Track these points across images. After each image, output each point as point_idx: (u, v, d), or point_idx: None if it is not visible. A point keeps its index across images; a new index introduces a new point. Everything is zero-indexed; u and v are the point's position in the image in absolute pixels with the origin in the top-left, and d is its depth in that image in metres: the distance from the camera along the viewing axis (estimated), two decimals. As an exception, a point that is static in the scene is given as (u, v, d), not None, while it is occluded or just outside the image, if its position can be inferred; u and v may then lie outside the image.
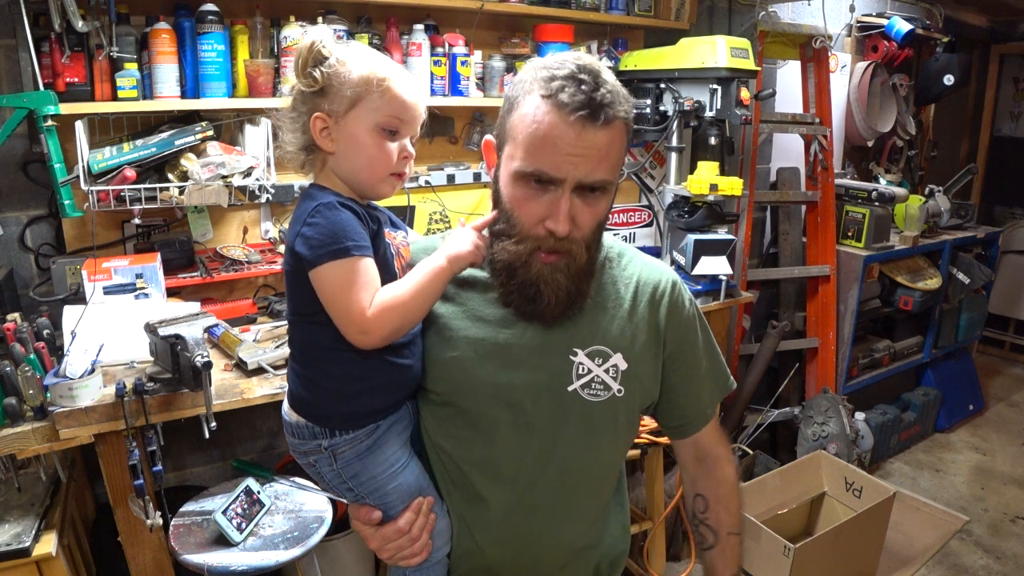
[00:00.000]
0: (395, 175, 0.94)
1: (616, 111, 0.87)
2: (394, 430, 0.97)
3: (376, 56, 0.92)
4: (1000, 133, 4.60)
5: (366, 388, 0.92)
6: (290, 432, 0.97)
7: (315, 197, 0.89)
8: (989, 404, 3.94)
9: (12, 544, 1.38)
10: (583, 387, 0.96)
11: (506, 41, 2.32)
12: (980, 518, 2.88)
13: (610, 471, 1.05)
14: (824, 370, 3.18)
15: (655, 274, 1.05)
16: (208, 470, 2.20)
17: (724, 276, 2.20)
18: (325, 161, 0.93)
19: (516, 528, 0.98)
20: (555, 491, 0.98)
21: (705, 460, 1.12)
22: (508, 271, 0.94)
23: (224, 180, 1.75)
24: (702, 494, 1.12)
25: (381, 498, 0.96)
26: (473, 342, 0.97)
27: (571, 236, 0.90)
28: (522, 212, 0.91)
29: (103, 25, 1.64)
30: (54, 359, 1.48)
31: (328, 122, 0.90)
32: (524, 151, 0.88)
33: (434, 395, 0.99)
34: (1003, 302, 4.45)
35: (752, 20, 2.80)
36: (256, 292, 2.09)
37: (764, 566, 2.20)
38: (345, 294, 0.85)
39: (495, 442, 0.97)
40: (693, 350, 1.07)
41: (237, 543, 1.48)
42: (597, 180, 0.89)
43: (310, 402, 0.93)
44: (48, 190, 1.79)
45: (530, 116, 0.87)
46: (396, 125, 0.92)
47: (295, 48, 0.91)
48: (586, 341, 0.97)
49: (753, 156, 2.84)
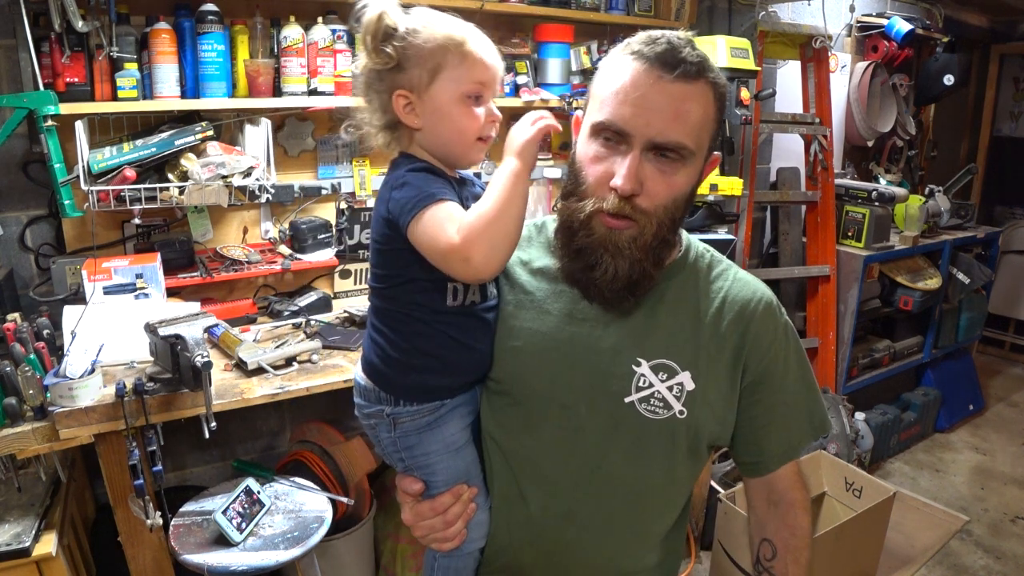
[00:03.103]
0: (482, 139, 0.91)
1: (699, 68, 0.84)
2: (458, 412, 0.96)
3: (447, 19, 0.88)
4: (1000, 133, 4.60)
5: (433, 364, 0.92)
6: (358, 393, 0.98)
7: (403, 165, 0.89)
8: (989, 404, 3.94)
9: (12, 544, 1.38)
10: (641, 401, 0.90)
11: (506, 41, 2.32)
12: (980, 518, 2.88)
13: (663, 497, 0.96)
14: (824, 370, 3.18)
15: (747, 291, 0.96)
16: (208, 470, 2.20)
17: (724, 276, 2.20)
18: (412, 136, 0.91)
19: (551, 533, 0.95)
20: (596, 503, 0.93)
21: (779, 504, 1.01)
22: (569, 231, 0.90)
23: (224, 180, 1.75)
24: (770, 540, 1.01)
25: (429, 475, 0.96)
26: (535, 335, 0.94)
27: (637, 203, 0.85)
28: (590, 169, 0.88)
29: (103, 25, 1.64)
30: (54, 359, 1.48)
31: (411, 97, 0.87)
32: (600, 103, 0.86)
33: (493, 383, 0.97)
34: (1003, 302, 4.44)
35: (752, 20, 2.80)
36: (256, 292, 2.09)
37: (764, 566, 2.19)
38: (434, 233, 0.82)
39: (542, 440, 0.94)
40: (781, 381, 0.96)
41: (237, 543, 1.48)
42: (670, 140, 0.83)
43: (379, 368, 0.94)
44: (48, 190, 1.79)
45: (612, 71, 0.87)
46: (480, 90, 0.88)
47: (360, 19, 0.85)
48: (653, 352, 0.91)
49: (753, 156, 2.84)
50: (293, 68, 1.89)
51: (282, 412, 2.28)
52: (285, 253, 2.01)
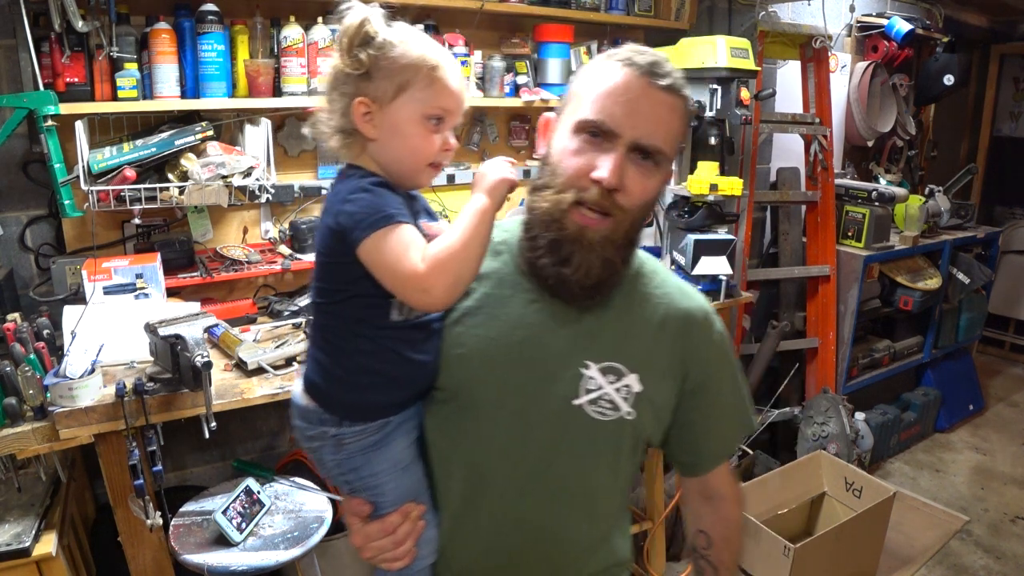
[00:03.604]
0: (433, 165, 0.91)
1: (681, 90, 0.89)
2: (403, 428, 0.94)
3: (426, 40, 0.88)
4: (1000, 133, 4.60)
5: (379, 382, 0.90)
6: (299, 415, 0.95)
7: (353, 176, 0.87)
8: (989, 404, 3.94)
9: (12, 544, 1.38)
10: (589, 403, 0.91)
11: (506, 41, 2.32)
12: (980, 518, 2.88)
13: (610, 494, 1.00)
14: (824, 370, 3.18)
15: (688, 300, 1.00)
16: (208, 470, 2.20)
17: (724, 276, 2.20)
18: (365, 146, 0.89)
19: (504, 540, 0.95)
20: (547, 506, 0.94)
21: (712, 499, 1.08)
22: (543, 224, 0.89)
23: (224, 180, 1.75)
24: (706, 531, 1.08)
25: (376, 496, 0.93)
26: (483, 340, 0.93)
27: (617, 199, 0.86)
28: (569, 161, 0.88)
29: (103, 25, 1.64)
30: (54, 359, 1.47)
31: (372, 107, 0.86)
32: (591, 102, 0.87)
33: (438, 392, 0.95)
34: (1003, 302, 4.45)
35: (752, 20, 2.80)
36: (256, 292, 2.09)
37: (764, 566, 2.20)
38: (395, 258, 0.81)
39: (492, 447, 0.93)
40: (718, 387, 1.01)
41: (237, 543, 1.48)
42: (653, 144, 0.86)
43: (322, 388, 0.91)
44: (48, 190, 1.79)
45: (602, 74, 0.88)
46: (442, 115, 0.89)
47: (342, 19, 0.85)
48: (602, 355, 0.92)
49: (753, 156, 2.84)
50: (293, 68, 1.89)
51: (282, 412, 2.28)
52: (285, 253, 2.01)
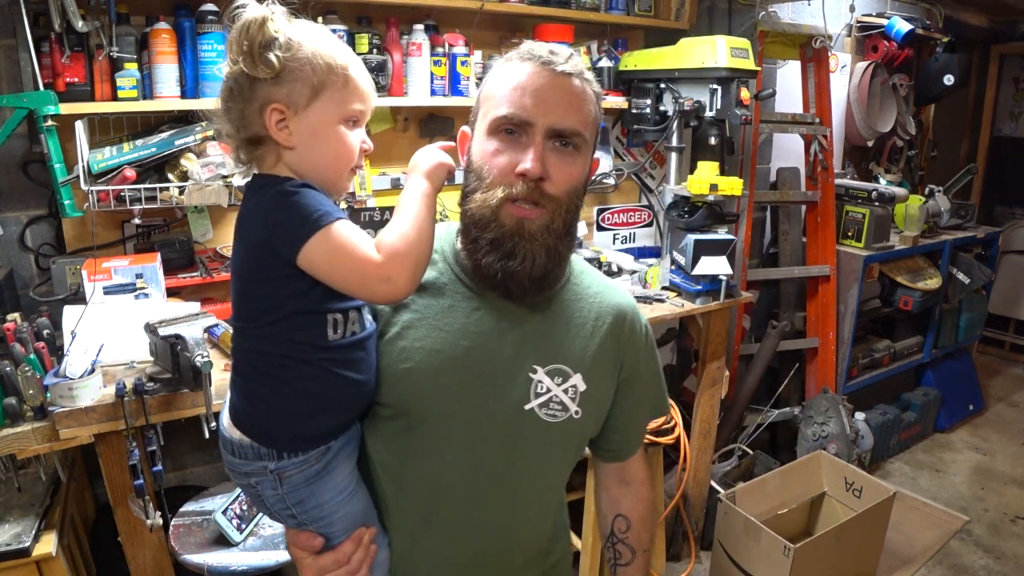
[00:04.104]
0: (352, 169, 0.87)
1: (584, 74, 0.91)
2: (344, 452, 0.90)
3: (331, 38, 0.84)
4: (1000, 133, 4.60)
5: (320, 407, 0.84)
6: (230, 451, 0.87)
7: (269, 186, 0.80)
8: (989, 404, 3.94)
9: (12, 544, 1.38)
10: (540, 406, 0.92)
11: (506, 41, 2.32)
12: (980, 518, 2.88)
13: (558, 491, 1.04)
14: (824, 370, 3.18)
15: (617, 297, 1.03)
16: (208, 470, 2.20)
17: (724, 276, 2.20)
18: (279, 156, 0.82)
19: (460, 551, 0.94)
20: (503, 513, 0.94)
21: (631, 483, 1.13)
22: (480, 225, 0.89)
23: (224, 180, 1.75)
24: (624, 515, 1.12)
25: (326, 526, 0.88)
26: (429, 353, 0.90)
27: (545, 189, 0.87)
28: (492, 162, 0.89)
29: (103, 25, 1.64)
30: (54, 359, 1.47)
31: (287, 114, 0.80)
32: (498, 102, 0.89)
33: (384, 409, 0.92)
34: (1003, 302, 4.45)
35: (752, 20, 2.80)
36: (256, 292, 2.08)
37: (764, 566, 2.20)
38: (347, 254, 0.77)
39: (445, 461, 0.91)
40: (643, 377, 1.06)
41: (237, 543, 1.48)
42: (568, 127, 0.88)
43: (257, 420, 0.84)
44: (48, 190, 1.79)
45: (506, 74, 0.90)
46: (358, 116, 0.85)
47: (236, 19, 0.78)
48: (547, 358, 0.93)
49: (753, 156, 2.84)
50: (293, 68, 1.89)
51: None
52: (285, 253, 2.01)
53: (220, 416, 0.89)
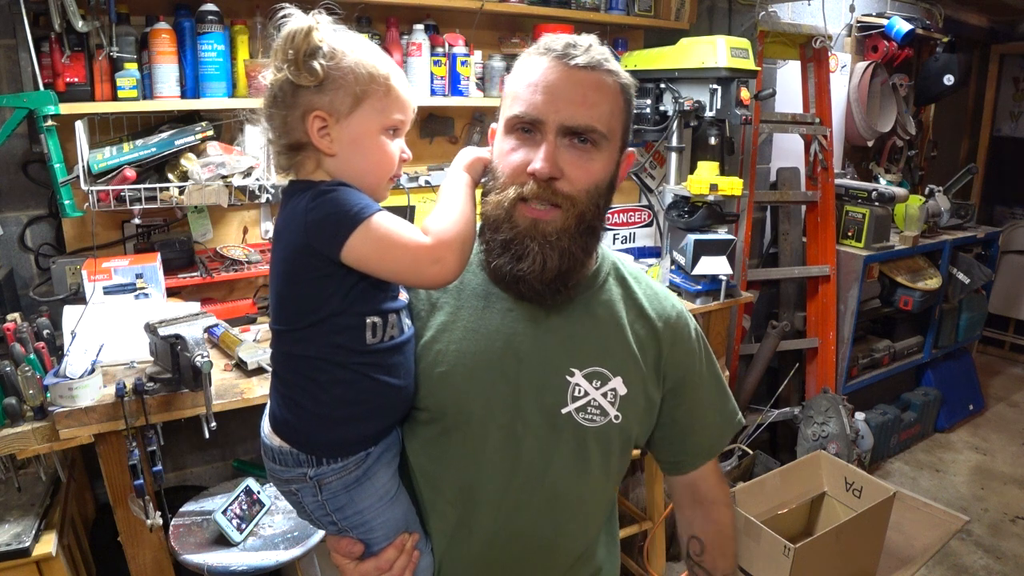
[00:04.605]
0: (391, 178, 0.88)
1: (604, 63, 0.87)
2: (384, 459, 0.90)
3: (374, 48, 0.86)
4: (1000, 133, 4.60)
5: (358, 413, 0.85)
6: (271, 457, 0.88)
7: (305, 191, 0.81)
8: (989, 404, 3.94)
9: (12, 544, 1.38)
10: (578, 410, 0.91)
11: (506, 41, 2.32)
12: (980, 518, 2.88)
13: (600, 501, 1.00)
14: (824, 370, 3.18)
15: (663, 302, 1.01)
16: (208, 470, 2.20)
17: (724, 276, 2.20)
18: (319, 162, 0.84)
19: (501, 556, 0.93)
20: (542, 518, 0.92)
21: (703, 503, 1.08)
22: (494, 226, 0.89)
23: (224, 180, 1.75)
24: (698, 537, 1.08)
25: (366, 532, 0.89)
26: (464, 356, 0.90)
27: (559, 188, 0.86)
28: (505, 161, 0.88)
29: (103, 25, 1.64)
30: (54, 359, 1.48)
31: (328, 121, 0.81)
32: (514, 99, 0.88)
33: (421, 413, 0.92)
34: (1003, 302, 4.45)
35: (752, 20, 2.80)
36: (256, 292, 2.09)
37: (764, 566, 2.20)
38: (394, 242, 0.78)
39: (483, 464, 0.90)
40: (697, 383, 1.03)
41: (237, 543, 1.48)
42: (580, 124, 0.85)
43: (295, 427, 0.85)
44: (48, 190, 1.79)
45: (522, 70, 0.89)
46: (399, 125, 0.86)
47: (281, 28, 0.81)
48: (585, 361, 0.92)
49: (753, 156, 2.84)
50: (293, 68, 1.89)
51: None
52: (285, 253, 2.01)
53: (260, 423, 0.90)
